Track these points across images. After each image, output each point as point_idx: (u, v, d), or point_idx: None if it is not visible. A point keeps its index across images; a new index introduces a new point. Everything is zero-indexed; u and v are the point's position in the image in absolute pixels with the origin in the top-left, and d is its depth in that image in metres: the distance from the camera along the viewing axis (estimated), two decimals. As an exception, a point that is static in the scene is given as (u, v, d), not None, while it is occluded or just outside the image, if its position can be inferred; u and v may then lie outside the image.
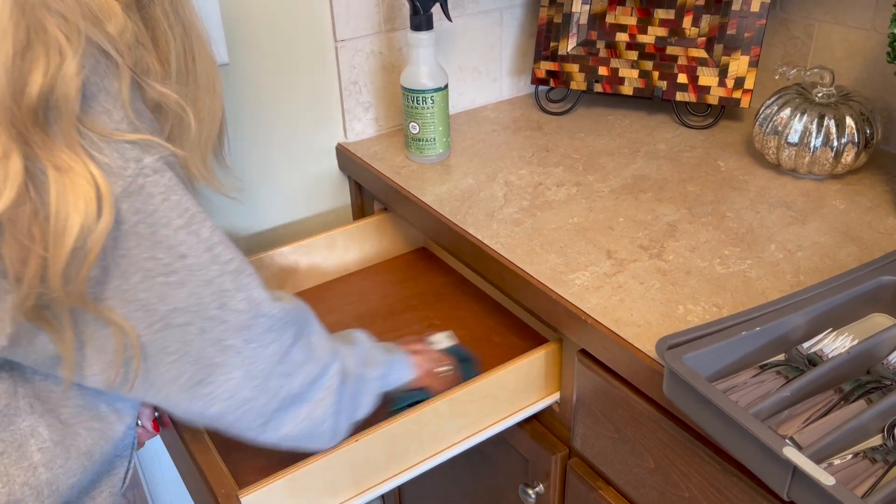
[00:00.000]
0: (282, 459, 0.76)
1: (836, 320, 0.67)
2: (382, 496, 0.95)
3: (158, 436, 0.90)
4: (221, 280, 0.56)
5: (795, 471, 0.51)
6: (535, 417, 0.88)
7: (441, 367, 0.80)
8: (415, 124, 1.00)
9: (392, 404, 0.77)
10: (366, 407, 0.72)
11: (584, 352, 0.77)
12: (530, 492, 0.89)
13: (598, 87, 1.13)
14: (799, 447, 0.54)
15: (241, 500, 0.66)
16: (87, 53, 0.49)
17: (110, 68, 0.51)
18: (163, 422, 0.79)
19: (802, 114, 0.90)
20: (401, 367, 0.76)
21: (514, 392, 0.81)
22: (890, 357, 0.64)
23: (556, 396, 0.85)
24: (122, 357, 0.55)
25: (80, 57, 0.48)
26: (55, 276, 0.49)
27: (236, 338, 0.58)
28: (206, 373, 0.58)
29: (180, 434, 0.76)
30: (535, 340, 0.90)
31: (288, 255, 1.00)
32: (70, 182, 0.48)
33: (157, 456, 1.14)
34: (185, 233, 0.53)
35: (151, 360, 0.56)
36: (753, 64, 1.04)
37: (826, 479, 0.49)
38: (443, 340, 0.86)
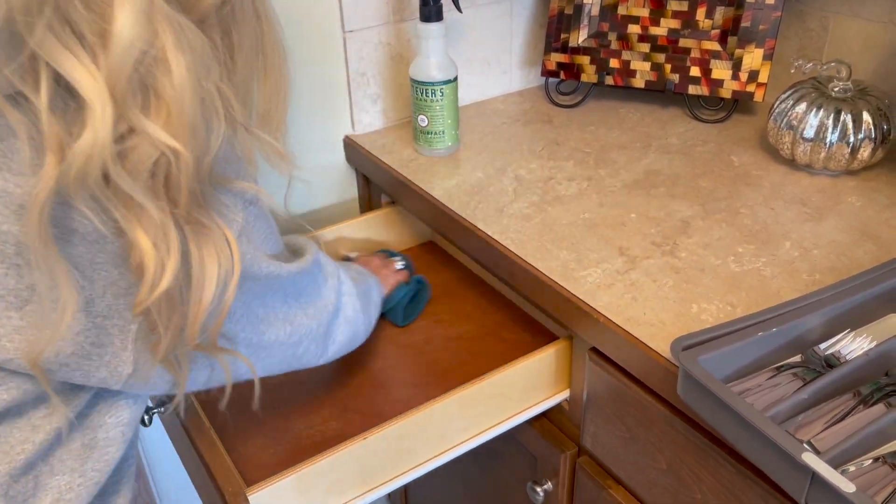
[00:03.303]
0: (288, 455, 0.75)
1: (854, 321, 0.66)
2: (388, 494, 0.94)
3: (164, 428, 0.89)
4: (295, 280, 0.63)
5: (814, 476, 0.50)
6: (545, 415, 0.87)
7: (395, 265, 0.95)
8: (423, 117, 0.99)
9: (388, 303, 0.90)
10: (376, 302, 0.83)
11: (594, 350, 0.76)
12: (538, 489, 0.88)
13: (609, 80, 1.11)
14: (817, 452, 0.53)
15: (248, 498, 0.66)
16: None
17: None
18: None
19: (818, 108, 0.89)
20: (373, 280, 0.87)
21: (523, 390, 0.80)
22: (909, 359, 0.62)
23: (565, 394, 0.84)
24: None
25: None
26: (192, 331, 0.50)
27: (298, 300, 0.65)
28: (290, 325, 0.65)
29: (186, 430, 0.75)
30: (545, 336, 0.89)
31: (295, 248, 0.99)
32: (207, 242, 0.49)
33: (161, 447, 1.13)
34: (273, 247, 0.60)
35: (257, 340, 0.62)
36: (768, 57, 1.02)
37: (846, 485, 0.48)
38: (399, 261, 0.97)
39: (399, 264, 0.95)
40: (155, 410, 0.80)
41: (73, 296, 0.46)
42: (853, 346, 0.64)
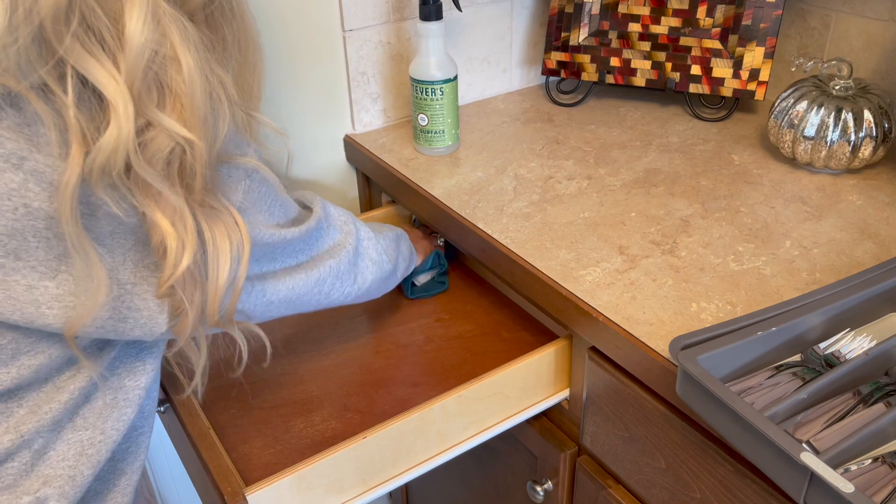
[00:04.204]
0: (288, 454, 0.75)
1: (853, 320, 0.66)
2: (389, 493, 0.94)
3: (164, 428, 0.90)
4: (304, 237, 0.67)
5: (813, 476, 0.50)
6: (545, 414, 0.87)
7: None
8: (423, 116, 0.99)
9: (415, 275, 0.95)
10: (405, 254, 0.86)
11: (594, 349, 0.76)
12: (539, 489, 0.88)
13: (609, 79, 1.11)
14: (816, 452, 0.53)
15: (247, 497, 0.66)
16: None
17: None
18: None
19: (819, 107, 0.89)
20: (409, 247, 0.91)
21: (522, 389, 0.80)
22: (909, 358, 0.62)
23: (565, 393, 0.84)
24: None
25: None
26: (213, 307, 0.55)
27: (309, 253, 0.70)
28: (305, 273, 0.68)
29: (186, 430, 0.75)
30: (545, 336, 0.89)
31: (295, 247, 0.99)
32: (217, 222, 0.53)
33: (163, 447, 1.13)
34: (278, 214, 0.64)
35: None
36: (769, 55, 1.02)
37: (845, 485, 0.48)
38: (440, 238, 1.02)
39: (440, 241, 1.00)
40: (155, 410, 0.80)
41: (102, 269, 0.50)
42: (853, 345, 0.63)
